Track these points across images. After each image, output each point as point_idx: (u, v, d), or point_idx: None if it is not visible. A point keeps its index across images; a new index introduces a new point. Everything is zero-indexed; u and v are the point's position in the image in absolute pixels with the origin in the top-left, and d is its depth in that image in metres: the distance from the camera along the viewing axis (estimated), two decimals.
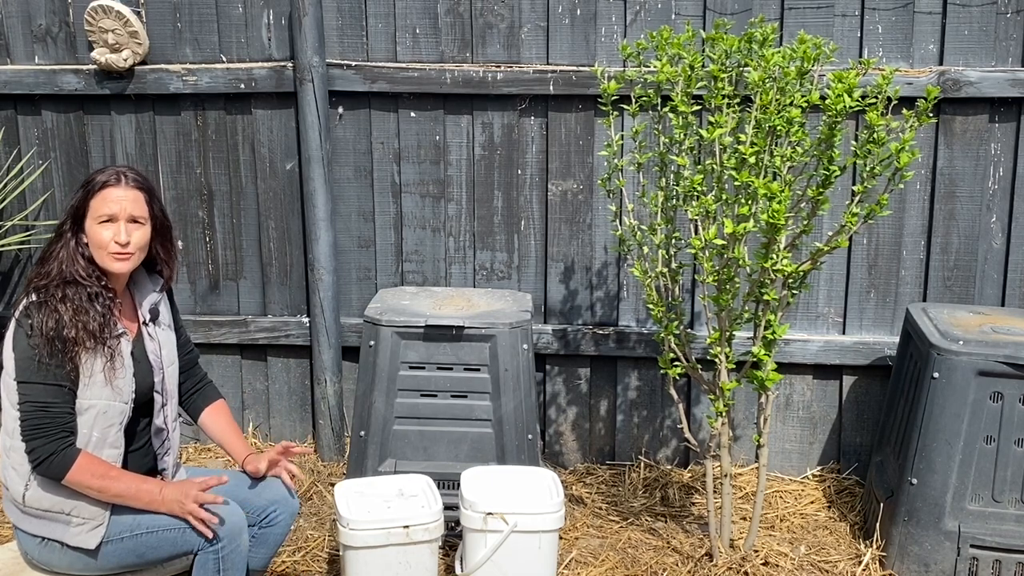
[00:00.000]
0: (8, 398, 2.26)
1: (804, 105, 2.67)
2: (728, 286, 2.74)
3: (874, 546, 3.06)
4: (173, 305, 2.57)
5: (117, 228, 2.27)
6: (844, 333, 3.54)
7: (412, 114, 3.57)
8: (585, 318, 3.66)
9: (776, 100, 2.63)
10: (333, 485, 3.20)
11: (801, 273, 2.75)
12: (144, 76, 3.59)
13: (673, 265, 2.93)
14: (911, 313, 3.18)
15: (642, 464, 3.68)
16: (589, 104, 3.46)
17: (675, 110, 2.77)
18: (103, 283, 2.30)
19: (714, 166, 2.72)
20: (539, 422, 3.50)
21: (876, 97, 2.57)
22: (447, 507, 2.73)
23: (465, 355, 3.03)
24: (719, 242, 2.69)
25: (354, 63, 3.50)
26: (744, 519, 3.30)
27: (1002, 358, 2.80)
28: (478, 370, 3.04)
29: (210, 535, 2.26)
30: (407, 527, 2.59)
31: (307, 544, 3.13)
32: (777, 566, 2.99)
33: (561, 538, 3.06)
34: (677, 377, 2.96)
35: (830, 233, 2.98)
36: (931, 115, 2.61)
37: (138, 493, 2.26)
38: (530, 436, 3.07)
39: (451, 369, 3.04)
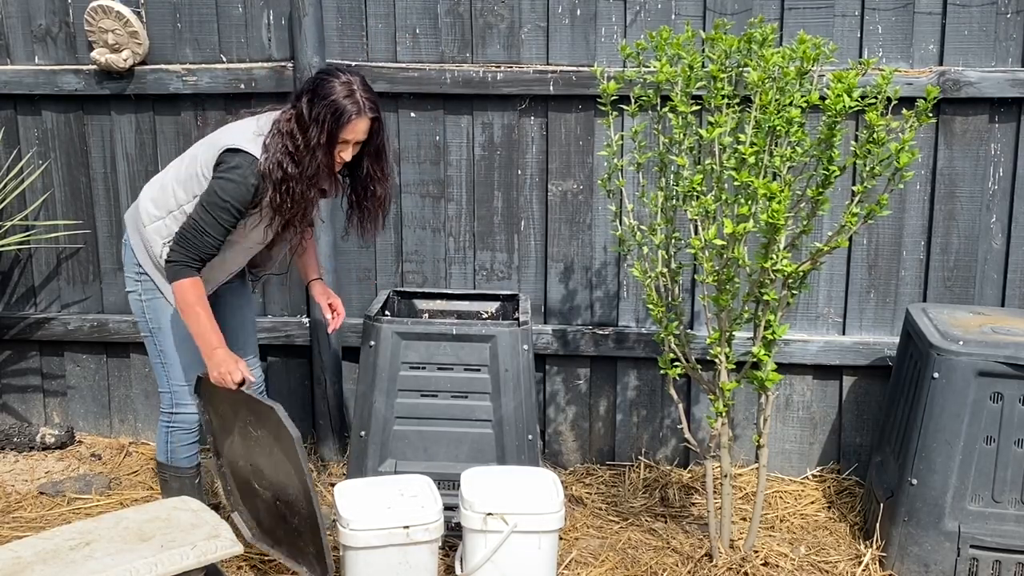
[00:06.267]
0: (186, 191, 2.70)
1: (804, 105, 2.67)
2: (728, 286, 2.74)
3: (874, 546, 3.06)
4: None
5: (348, 150, 2.69)
6: (844, 333, 3.54)
7: (412, 114, 3.57)
8: (585, 318, 3.66)
9: (776, 100, 2.63)
10: (333, 485, 3.20)
11: (801, 273, 2.75)
12: (144, 76, 3.59)
13: (673, 265, 2.93)
14: (911, 313, 3.18)
15: (642, 464, 3.68)
16: (589, 104, 3.46)
17: (675, 110, 2.77)
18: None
19: (714, 166, 2.72)
20: (539, 422, 3.50)
21: (876, 97, 2.56)
22: (447, 507, 2.73)
23: (465, 355, 3.03)
24: (719, 242, 2.69)
25: (354, 63, 3.50)
26: (744, 519, 3.30)
27: (1002, 358, 2.80)
28: (478, 370, 3.04)
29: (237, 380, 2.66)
30: (407, 527, 2.59)
31: None
32: (777, 566, 2.99)
33: (561, 538, 3.06)
34: (677, 377, 2.96)
35: (830, 233, 2.98)
36: (931, 115, 2.61)
37: (203, 333, 2.65)
38: (530, 436, 3.07)
39: (451, 369, 3.04)
